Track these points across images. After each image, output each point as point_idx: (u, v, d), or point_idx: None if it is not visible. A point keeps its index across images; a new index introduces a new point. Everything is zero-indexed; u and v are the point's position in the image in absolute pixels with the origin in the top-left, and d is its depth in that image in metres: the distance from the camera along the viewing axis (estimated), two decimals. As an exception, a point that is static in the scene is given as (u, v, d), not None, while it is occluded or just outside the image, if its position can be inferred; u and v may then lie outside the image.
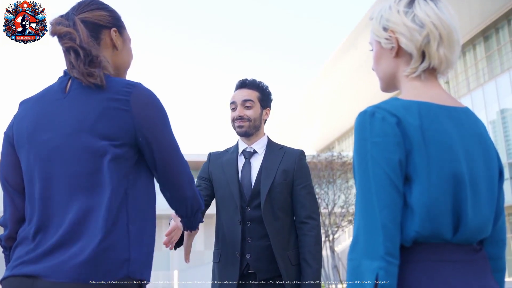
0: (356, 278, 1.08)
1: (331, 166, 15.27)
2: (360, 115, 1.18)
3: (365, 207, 1.12)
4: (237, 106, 2.47)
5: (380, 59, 1.33)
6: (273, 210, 2.32)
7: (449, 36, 1.24)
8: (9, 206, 1.47)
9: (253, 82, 2.52)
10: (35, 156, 1.40)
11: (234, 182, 2.38)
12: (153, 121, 1.41)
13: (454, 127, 1.19)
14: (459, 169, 1.15)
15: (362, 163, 1.14)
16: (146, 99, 1.42)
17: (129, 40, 1.62)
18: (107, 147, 1.35)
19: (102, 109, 1.36)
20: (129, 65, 1.63)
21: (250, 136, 2.48)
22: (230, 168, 2.44)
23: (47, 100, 1.44)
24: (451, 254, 1.14)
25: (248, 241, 2.30)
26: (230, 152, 2.53)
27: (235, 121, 2.47)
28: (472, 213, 1.16)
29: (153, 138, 1.40)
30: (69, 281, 1.25)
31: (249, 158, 2.46)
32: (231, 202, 2.37)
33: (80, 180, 1.34)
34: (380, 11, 1.31)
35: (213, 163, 2.52)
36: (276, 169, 2.38)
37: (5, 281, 1.35)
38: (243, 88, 2.51)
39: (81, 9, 1.51)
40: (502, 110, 20.77)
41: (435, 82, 1.27)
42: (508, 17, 21.39)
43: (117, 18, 1.58)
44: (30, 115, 1.45)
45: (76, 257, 1.27)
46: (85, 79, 1.39)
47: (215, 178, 2.47)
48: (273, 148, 2.49)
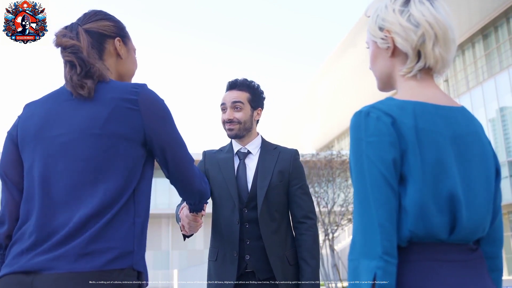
0: (356, 278, 1.09)
1: (331, 164, 15.27)
2: (355, 115, 1.19)
3: (361, 206, 1.12)
4: (227, 108, 2.44)
5: (376, 59, 1.33)
6: (269, 211, 2.32)
7: (444, 35, 1.24)
8: (9, 202, 1.48)
9: (244, 82, 2.48)
10: (42, 152, 1.42)
11: (232, 182, 2.36)
12: (161, 120, 1.48)
13: (449, 127, 1.19)
14: (451, 170, 1.15)
15: (357, 162, 1.15)
16: (152, 99, 1.48)
17: (133, 49, 1.68)
18: (118, 144, 1.39)
19: (112, 108, 1.40)
20: (133, 73, 1.68)
21: (242, 138, 2.45)
22: (227, 167, 2.42)
23: (55, 100, 1.48)
24: (447, 254, 1.14)
25: (246, 243, 2.30)
26: (225, 151, 2.50)
27: (226, 123, 2.44)
28: (467, 213, 1.16)
29: (162, 137, 1.47)
30: (74, 271, 1.27)
31: (244, 158, 2.44)
32: (229, 202, 2.35)
33: (89, 176, 1.37)
34: (376, 10, 1.31)
35: (209, 161, 2.49)
36: (272, 170, 2.37)
37: (2, 279, 1.35)
38: (233, 90, 2.47)
39: (86, 19, 1.57)
40: (501, 108, 20.77)
41: (431, 82, 1.27)
42: (507, 15, 21.38)
43: (121, 28, 1.63)
44: (38, 114, 1.48)
45: (81, 248, 1.29)
46: (75, 91, 1.43)
47: (212, 176, 2.44)
48: (268, 148, 2.48)
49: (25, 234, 1.38)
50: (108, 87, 1.45)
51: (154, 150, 1.49)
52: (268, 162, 2.40)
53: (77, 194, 1.36)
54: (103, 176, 1.38)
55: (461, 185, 1.16)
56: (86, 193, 1.36)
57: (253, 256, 2.28)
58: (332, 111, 33.61)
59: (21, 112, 1.55)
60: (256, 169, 2.40)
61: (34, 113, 1.49)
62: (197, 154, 2.97)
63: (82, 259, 1.28)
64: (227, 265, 2.31)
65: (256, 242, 2.29)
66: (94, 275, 1.27)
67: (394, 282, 1.07)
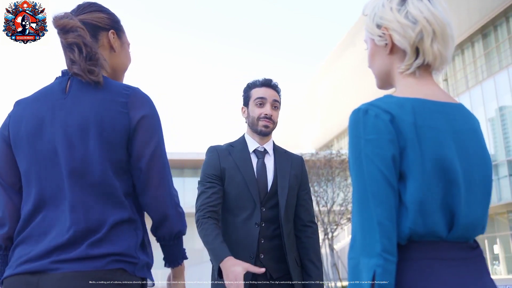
0: (355, 276, 1.08)
1: (330, 164, 15.29)
2: (353, 113, 1.18)
3: (360, 205, 1.12)
4: (267, 103, 2.39)
5: (374, 57, 1.33)
6: (287, 212, 2.34)
7: (442, 31, 1.23)
8: (8, 204, 1.46)
9: (278, 85, 2.48)
10: (36, 156, 1.40)
11: (253, 182, 2.31)
12: (146, 126, 1.42)
13: (449, 123, 1.19)
14: (453, 166, 1.15)
15: (356, 161, 1.15)
16: (142, 104, 1.43)
17: (127, 43, 1.64)
18: (110, 148, 1.37)
19: (103, 111, 1.38)
20: (126, 67, 1.64)
21: (266, 137, 2.44)
22: (247, 167, 2.34)
23: (46, 100, 1.44)
24: (446, 252, 1.14)
25: (261, 242, 2.29)
26: (239, 149, 2.42)
27: (262, 119, 2.37)
28: (466, 210, 1.16)
29: (142, 143, 1.41)
30: (78, 270, 1.27)
31: (263, 158, 2.40)
32: (249, 203, 2.30)
33: (85, 179, 1.36)
34: (374, 8, 1.31)
35: (224, 159, 2.36)
36: (289, 173, 2.40)
37: (6, 280, 1.35)
38: (270, 88, 2.44)
39: (80, 10, 1.53)
40: (501, 108, 20.77)
41: (429, 79, 1.27)
42: (506, 15, 21.38)
43: (116, 21, 1.60)
44: (29, 115, 1.44)
45: (86, 250, 1.30)
46: (85, 75, 1.40)
47: (229, 176, 2.33)
48: (279, 151, 2.47)
49: (30, 236, 1.37)
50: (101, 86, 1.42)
51: (132, 157, 1.42)
52: (284, 164, 2.41)
53: (73, 198, 1.35)
54: (100, 181, 1.37)
55: (463, 182, 1.16)
56: (83, 197, 1.35)
57: (267, 255, 2.28)
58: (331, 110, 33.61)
59: (11, 110, 1.51)
60: (275, 169, 2.39)
61: (25, 114, 1.45)
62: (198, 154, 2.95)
63: (87, 259, 1.29)
64: None
65: (271, 242, 2.30)
66: (97, 274, 1.28)
67: (393, 280, 1.07)
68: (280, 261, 2.29)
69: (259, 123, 2.38)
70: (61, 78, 1.47)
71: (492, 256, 23.63)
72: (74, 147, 1.37)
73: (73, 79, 1.45)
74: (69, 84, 1.44)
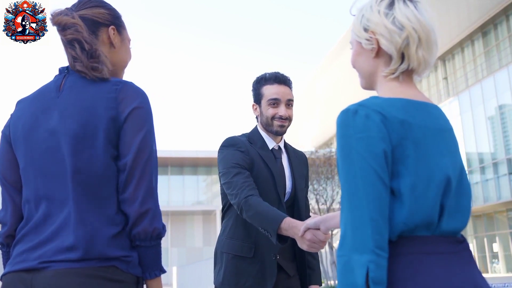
0: (347, 273, 1.09)
1: (330, 162, 15.29)
2: (342, 114, 1.19)
3: (352, 202, 1.13)
4: (281, 104, 2.30)
5: (359, 58, 1.35)
6: (305, 213, 2.35)
7: (427, 38, 1.26)
8: (9, 203, 1.48)
9: (290, 80, 2.36)
10: (32, 154, 1.41)
11: (279, 180, 2.26)
12: (134, 118, 1.39)
13: (434, 122, 1.23)
14: (444, 162, 1.19)
15: (346, 159, 1.15)
16: (132, 97, 1.40)
17: (128, 40, 1.63)
18: (103, 145, 1.37)
19: (94, 109, 1.38)
20: (126, 64, 1.63)
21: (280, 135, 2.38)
22: (273, 164, 2.27)
23: (42, 98, 1.46)
24: (435, 246, 1.16)
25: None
26: (258, 146, 2.32)
27: (277, 119, 2.29)
28: (455, 204, 1.20)
29: (130, 134, 1.38)
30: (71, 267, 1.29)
31: (280, 157, 2.37)
32: (273, 200, 2.21)
33: (79, 177, 1.36)
34: (361, 9, 1.33)
35: (250, 151, 2.27)
36: (302, 171, 2.42)
37: (5, 277, 1.38)
38: (285, 85, 2.33)
39: (80, 6, 1.53)
40: (501, 106, 20.79)
41: (411, 83, 1.30)
42: (506, 13, 21.36)
43: (117, 17, 1.58)
44: (27, 114, 1.46)
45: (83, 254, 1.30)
46: (89, 72, 1.41)
47: (257, 170, 2.24)
48: (289, 149, 2.44)
49: (28, 233, 1.39)
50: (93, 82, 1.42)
51: (120, 150, 1.39)
52: (297, 164, 2.40)
53: (68, 196, 1.36)
54: (93, 178, 1.37)
55: (453, 176, 1.20)
56: (77, 194, 1.36)
57: (281, 255, 2.25)
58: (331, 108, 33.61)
59: (13, 110, 1.52)
60: (291, 169, 2.37)
61: (23, 113, 1.47)
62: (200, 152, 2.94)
63: (81, 261, 1.30)
64: (267, 268, 2.20)
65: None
66: (89, 271, 1.29)
67: (385, 275, 1.09)
68: (292, 259, 2.30)
69: (274, 123, 2.31)
70: (58, 76, 1.48)
71: (492, 255, 23.68)
72: (65, 147, 1.37)
73: (68, 76, 1.45)
74: (63, 82, 1.45)
